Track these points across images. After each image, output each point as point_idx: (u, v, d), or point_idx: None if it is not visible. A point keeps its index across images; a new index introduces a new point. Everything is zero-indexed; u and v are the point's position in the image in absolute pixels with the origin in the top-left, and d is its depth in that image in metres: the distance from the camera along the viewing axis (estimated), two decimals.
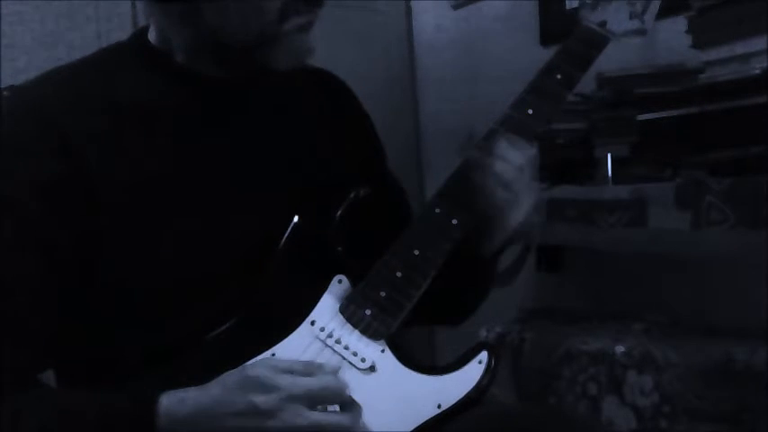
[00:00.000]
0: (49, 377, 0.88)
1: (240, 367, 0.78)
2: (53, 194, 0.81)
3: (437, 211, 0.90)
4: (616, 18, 1.00)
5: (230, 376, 0.77)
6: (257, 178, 0.91)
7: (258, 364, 0.79)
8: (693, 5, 1.57)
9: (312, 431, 0.75)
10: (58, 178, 0.81)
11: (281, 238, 0.88)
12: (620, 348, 1.56)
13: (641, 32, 1.01)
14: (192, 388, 0.77)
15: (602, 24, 0.99)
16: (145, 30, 0.93)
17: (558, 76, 0.94)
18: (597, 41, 0.98)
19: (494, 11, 2.31)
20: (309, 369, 0.79)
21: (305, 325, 0.86)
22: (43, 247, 0.80)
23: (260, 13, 0.83)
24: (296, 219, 0.90)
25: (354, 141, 1.02)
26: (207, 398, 0.76)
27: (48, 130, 0.82)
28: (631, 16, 1.00)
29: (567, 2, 2.07)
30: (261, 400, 0.74)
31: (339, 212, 0.91)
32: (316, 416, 0.75)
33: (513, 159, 0.88)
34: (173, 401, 0.75)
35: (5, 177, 0.81)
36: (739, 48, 1.46)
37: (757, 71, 1.41)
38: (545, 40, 2.14)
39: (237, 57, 0.87)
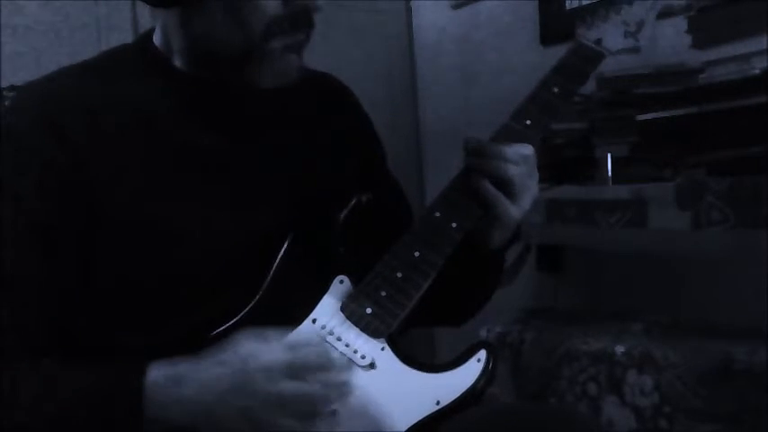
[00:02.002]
0: None
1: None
2: (54, 189, 0.82)
3: (437, 214, 0.91)
4: (611, 36, 1.03)
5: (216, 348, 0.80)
6: (258, 180, 0.92)
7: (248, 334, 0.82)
8: (693, 5, 1.57)
9: (285, 401, 0.76)
10: (60, 174, 0.82)
11: (284, 240, 0.89)
12: (620, 348, 1.56)
13: (635, 50, 1.05)
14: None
15: (598, 42, 1.02)
16: (150, 32, 0.94)
17: (556, 90, 0.97)
18: (593, 58, 1.01)
19: (494, 11, 2.31)
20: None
21: (306, 323, 0.86)
22: (44, 239, 0.82)
23: (245, 30, 0.84)
24: (298, 220, 0.90)
25: (356, 144, 1.03)
26: (193, 358, 0.78)
27: (51, 126, 0.83)
28: (626, 35, 1.04)
29: (567, 2, 2.07)
30: (243, 347, 0.78)
31: (342, 215, 0.92)
32: (288, 385, 0.77)
33: (509, 157, 0.90)
34: (160, 363, 0.78)
35: (9, 170, 0.83)
36: (739, 48, 1.46)
37: (757, 71, 1.41)
38: (545, 40, 2.14)
39: (225, 69, 0.88)
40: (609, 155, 1.64)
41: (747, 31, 1.46)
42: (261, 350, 0.78)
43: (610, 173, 1.64)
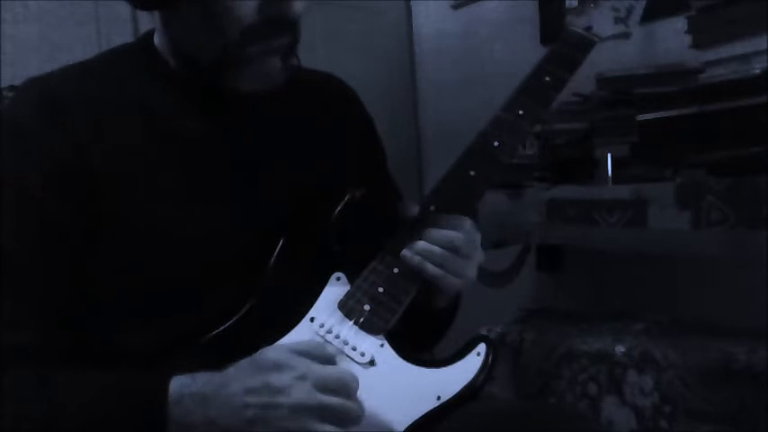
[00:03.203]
0: None
1: (256, 353, 0.79)
2: (59, 181, 0.82)
3: (432, 208, 0.91)
4: (601, 22, 1.03)
5: (244, 360, 0.78)
6: (257, 178, 0.92)
7: (273, 347, 0.80)
8: (693, 5, 1.57)
9: (319, 411, 0.75)
10: (64, 166, 0.82)
11: (281, 238, 0.89)
12: (620, 348, 1.56)
13: (625, 36, 1.05)
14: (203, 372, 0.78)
15: (588, 29, 1.02)
16: (152, 32, 0.94)
17: (547, 79, 0.96)
18: (584, 45, 1.00)
19: (494, 11, 2.31)
20: (325, 355, 0.80)
21: (304, 322, 0.86)
22: (48, 231, 0.82)
23: (221, 36, 0.84)
24: (293, 218, 0.90)
25: (356, 144, 1.03)
26: (219, 376, 0.76)
27: (54, 118, 0.84)
28: (616, 21, 1.04)
29: (566, 2, 2.07)
30: (274, 377, 0.75)
31: (336, 212, 0.92)
32: (325, 397, 0.76)
33: (444, 242, 0.88)
34: (184, 379, 0.76)
35: (12, 161, 0.83)
36: (739, 48, 1.47)
37: (757, 71, 1.41)
38: (545, 39, 2.14)
39: (207, 72, 0.88)
40: (609, 155, 1.64)
41: (747, 31, 1.46)
42: (293, 387, 0.75)
43: (610, 173, 1.64)
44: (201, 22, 0.84)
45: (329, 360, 0.80)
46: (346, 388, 0.78)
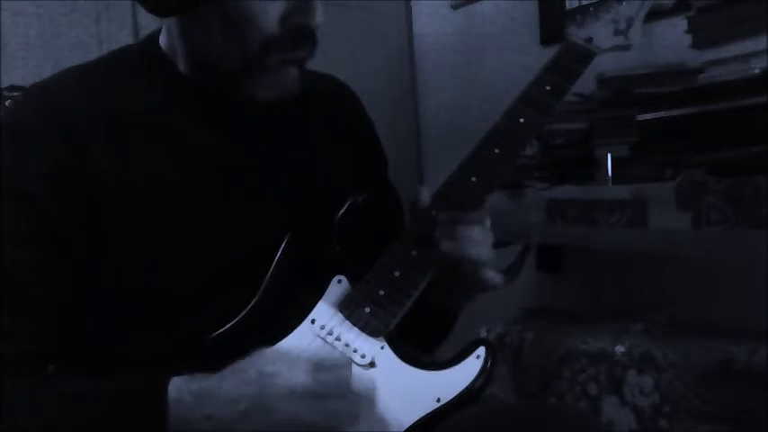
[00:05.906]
0: None
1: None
2: (61, 187, 0.82)
3: (434, 213, 0.91)
4: (601, 35, 1.05)
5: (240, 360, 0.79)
6: (257, 182, 0.92)
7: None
8: (693, 5, 1.57)
9: (313, 386, 0.77)
10: (66, 172, 0.82)
11: (282, 241, 0.89)
12: (620, 348, 1.56)
13: (625, 48, 1.06)
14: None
15: (589, 40, 1.03)
16: (157, 34, 0.94)
17: (548, 88, 0.98)
18: (584, 56, 1.02)
19: (494, 11, 2.31)
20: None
21: (305, 323, 0.87)
22: (51, 237, 0.82)
23: (241, 45, 0.84)
24: (295, 222, 0.91)
25: (357, 148, 1.04)
26: (216, 374, 0.78)
27: (56, 124, 0.84)
28: (616, 33, 1.06)
29: (567, 2, 2.07)
30: (266, 366, 0.78)
31: (338, 215, 0.92)
32: (318, 374, 0.78)
33: (451, 251, 0.89)
34: (182, 379, 0.77)
35: (16, 169, 0.83)
36: (739, 48, 1.46)
37: (757, 71, 1.41)
38: (545, 39, 2.14)
39: (224, 79, 0.89)
40: (609, 155, 1.64)
41: (747, 31, 1.46)
42: (283, 371, 0.77)
43: (610, 173, 1.64)
44: (222, 30, 0.84)
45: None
46: (339, 367, 0.80)
